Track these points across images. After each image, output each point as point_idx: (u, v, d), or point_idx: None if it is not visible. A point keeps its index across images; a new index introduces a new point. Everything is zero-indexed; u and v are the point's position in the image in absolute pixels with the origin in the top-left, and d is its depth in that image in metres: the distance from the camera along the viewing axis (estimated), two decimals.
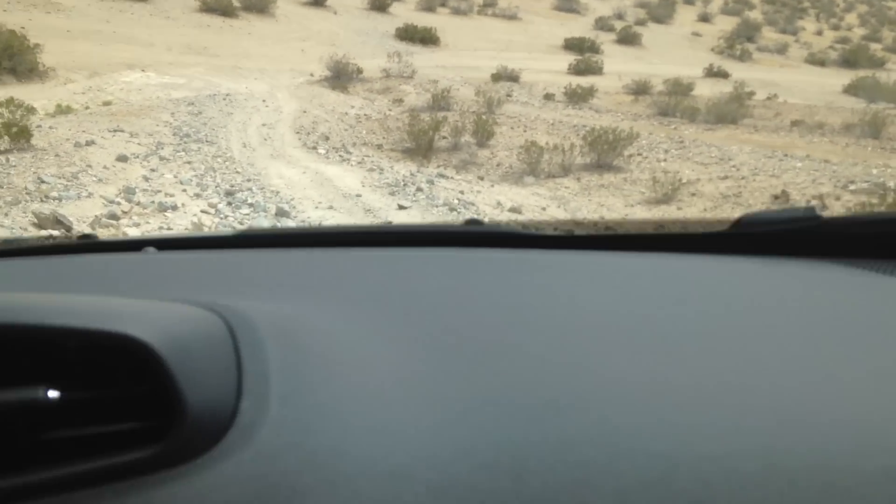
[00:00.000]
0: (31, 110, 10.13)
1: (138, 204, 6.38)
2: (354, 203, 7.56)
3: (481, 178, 10.08)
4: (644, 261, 0.99)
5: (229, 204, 6.91)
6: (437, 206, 7.65)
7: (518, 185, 9.75)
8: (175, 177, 7.62)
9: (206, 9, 26.28)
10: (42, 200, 5.83)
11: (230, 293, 0.83)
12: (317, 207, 7.18)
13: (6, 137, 7.77)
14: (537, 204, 8.59)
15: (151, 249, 1.17)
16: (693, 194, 9.30)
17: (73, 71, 17.09)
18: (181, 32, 23.71)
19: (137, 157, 8.31)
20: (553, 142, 11.20)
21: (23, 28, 18.86)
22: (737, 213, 1.30)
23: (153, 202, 6.49)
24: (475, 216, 7.25)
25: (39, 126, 9.99)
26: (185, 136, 10.18)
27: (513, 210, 8.00)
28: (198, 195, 7.10)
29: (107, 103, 14.03)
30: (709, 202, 9.09)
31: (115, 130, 9.92)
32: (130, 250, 1.18)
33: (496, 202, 8.34)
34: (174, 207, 6.45)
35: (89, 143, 8.42)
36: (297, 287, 0.90)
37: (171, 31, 23.52)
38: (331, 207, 7.19)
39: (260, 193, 7.42)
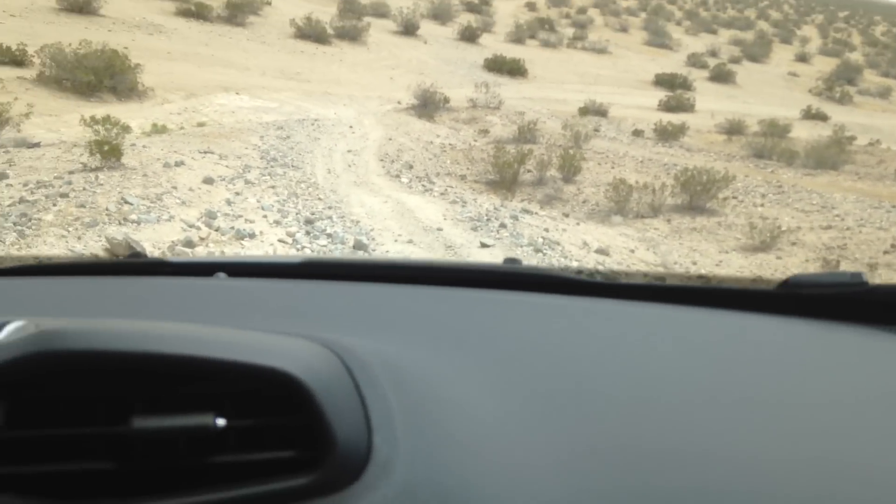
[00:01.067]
0: (126, 129, 10.40)
1: (217, 230, 6.36)
2: (435, 238, 7.38)
3: (566, 216, 9.78)
4: (696, 316, 1.05)
5: (308, 234, 6.83)
6: (521, 246, 7.37)
7: (605, 224, 9.42)
8: (258, 201, 7.62)
9: (301, 35, 26.91)
10: (120, 223, 5.85)
11: (310, 324, 0.90)
12: (396, 241, 7.04)
13: (98, 155, 7.93)
14: (625, 245, 8.24)
15: (222, 275, 1.20)
16: (793, 243, 8.79)
17: (171, 91, 17.62)
18: (276, 57, 24.29)
19: (224, 179, 8.37)
20: (642, 180, 10.83)
21: (125, 48, 19.59)
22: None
23: (233, 228, 6.45)
24: (562, 258, 6.97)
25: (133, 145, 10.23)
26: (271, 160, 10.26)
27: (600, 252, 7.68)
28: (277, 222, 7.05)
29: (201, 124, 14.36)
30: (811, 252, 8.56)
31: (205, 152, 10.07)
32: (200, 274, 1.22)
33: (582, 242, 8.04)
34: (252, 235, 6.42)
35: (178, 164, 8.54)
36: (378, 323, 0.95)
37: (266, 56, 24.13)
38: (410, 241, 7.02)
39: (340, 223, 7.32)
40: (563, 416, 0.69)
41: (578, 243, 7.95)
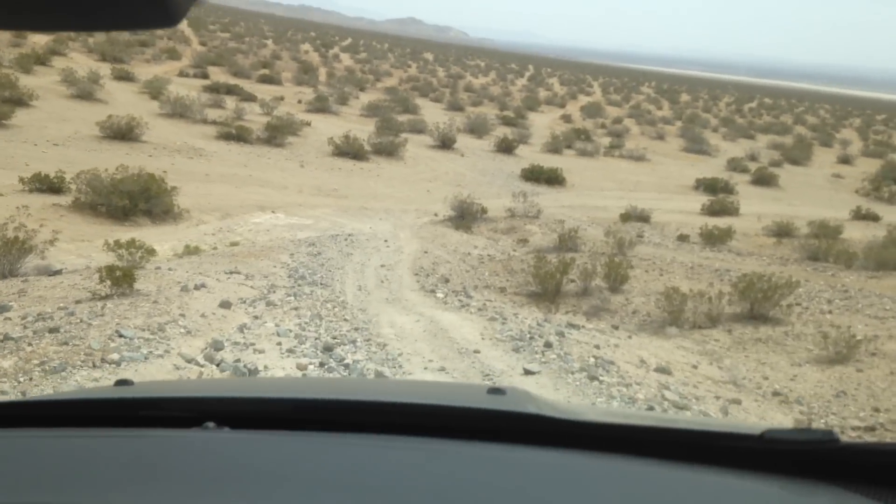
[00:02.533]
0: (150, 252, 10.05)
1: (219, 364, 5.72)
2: (471, 363, 6.63)
3: (616, 328, 8.99)
4: (672, 473, 1.06)
5: (322, 365, 6.13)
6: (572, 373, 6.53)
7: (659, 336, 8.59)
8: (276, 326, 7.01)
9: (339, 153, 27.20)
10: (94, 366, 5.21)
11: (300, 494, 0.93)
12: (426, 368, 6.31)
13: (108, 282, 7.46)
14: (686, 361, 7.40)
15: (211, 425, 1.17)
16: (873, 354, 7.86)
17: (207, 212, 17.54)
18: (313, 175, 24.43)
19: (244, 302, 7.84)
20: (695, 287, 10.04)
21: (164, 172, 19.75)
22: None
23: (238, 362, 5.81)
24: (621, 385, 6.15)
25: (158, 268, 9.84)
26: (299, 279, 9.75)
27: (660, 370, 6.85)
28: (291, 351, 6.42)
29: (234, 244, 14.07)
30: (894, 363, 7.60)
31: (231, 272, 9.62)
32: (186, 422, 1.18)
33: (639, 360, 7.21)
34: (254, 371, 5.74)
35: (198, 287, 8.05)
36: (361, 487, 0.96)
37: (303, 174, 24.28)
38: (442, 369, 6.28)
39: (364, 348, 6.64)
40: None
41: (635, 361, 7.12)
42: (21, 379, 4.97)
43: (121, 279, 7.37)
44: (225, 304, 7.44)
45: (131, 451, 1.08)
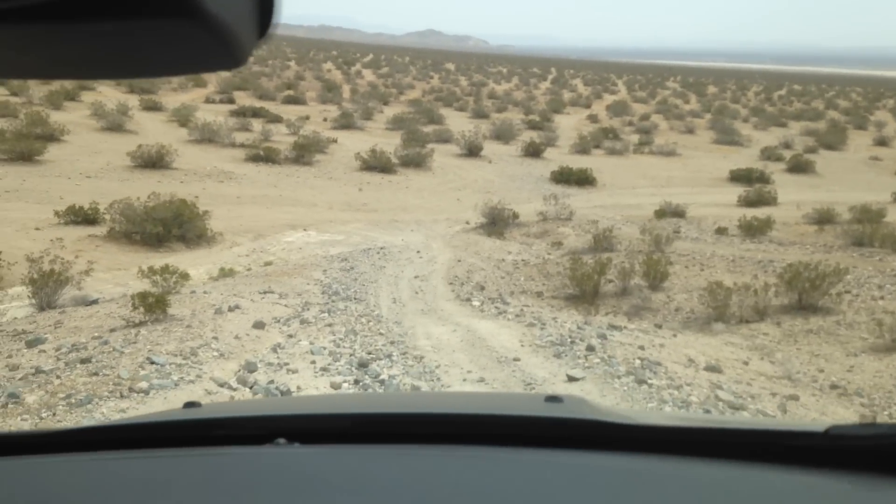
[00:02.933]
0: (184, 276, 10.04)
1: (252, 387, 5.60)
2: (511, 372, 6.39)
3: (659, 327, 8.73)
4: (735, 473, 1.04)
5: (357, 382, 5.98)
6: (618, 377, 6.22)
7: (705, 333, 8.31)
8: (310, 344, 6.89)
9: (367, 167, 27.20)
10: (122, 396, 5.11)
11: None
12: (465, 380, 6.11)
13: (141, 309, 7.42)
14: (736, 357, 7.12)
15: (282, 441, 1.21)
16: None
17: (240, 234, 17.59)
18: (343, 191, 24.43)
19: (278, 321, 7.74)
20: (739, 281, 9.73)
21: (196, 197, 19.93)
22: None
23: (271, 383, 5.67)
24: (671, 387, 5.89)
25: (193, 292, 9.82)
26: (333, 294, 9.65)
27: (711, 369, 6.58)
28: (325, 370, 6.27)
29: (267, 264, 14.07)
30: None
31: (265, 292, 9.56)
32: (256, 439, 1.21)
33: (687, 359, 6.95)
34: (286, 392, 5.58)
35: (232, 309, 7.99)
36: (430, 497, 0.98)
37: (333, 191, 24.29)
38: (482, 380, 6.06)
39: (400, 362, 6.47)
40: None
41: (683, 361, 6.86)
42: (44, 415, 4.93)
43: (153, 305, 7.34)
44: (258, 325, 7.36)
45: (206, 469, 1.10)
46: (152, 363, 5.79)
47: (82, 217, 16.82)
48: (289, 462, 1.13)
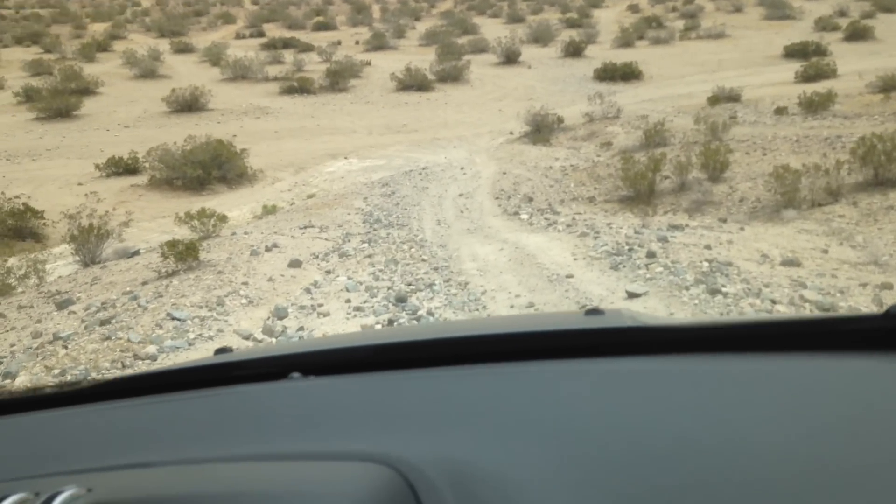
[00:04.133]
0: (222, 219, 9.75)
1: (278, 338, 5.21)
2: (564, 291, 5.79)
3: (724, 221, 8.11)
4: (792, 364, 0.96)
5: (391, 321, 5.45)
6: (686, 289, 5.49)
7: (775, 222, 7.65)
8: (348, 279, 6.49)
9: (403, 87, 26.50)
10: (124, 366, 4.75)
11: (387, 430, 0.92)
12: (512, 306, 5.57)
13: (171, 259, 7.11)
14: (813, 246, 6.49)
15: (296, 375, 1.21)
16: None
17: (280, 170, 17.29)
18: (381, 114, 23.86)
19: (317, 256, 7.38)
20: (805, 162, 8.97)
21: (234, 136, 19.66)
22: None
23: (301, 330, 5.26)
24: (747, 290, 5.30)
25: (234, 233, 9.55)
26: (375, 222, 9.25)
27: (788, 263, 5.96)
28: (359, 309, 5.80)
29: (311, 196, 13.78)
30: None
31: (305, 227, 9.22)
32: (272, 375, 1.22)
33: (760, 254, 6.34)
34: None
35: (269, 249, 7.65)
36: (451, 417, 0.94)
37: (371, 115, 23.75)
38: (531, 304, 5.51)
39: (443, 291, 6.00)
40: None
41: (756, 257, 6.26)
42: None
43: (184, 253, 7.04)
44: (295, 263, 7.00)
45: (224, 405, 1.12)
46: (173, 319, 5.49)
47: (123, 168, 16.70)
48: (300, 396, 1.14)
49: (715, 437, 0.77)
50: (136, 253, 9.50)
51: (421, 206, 10.19)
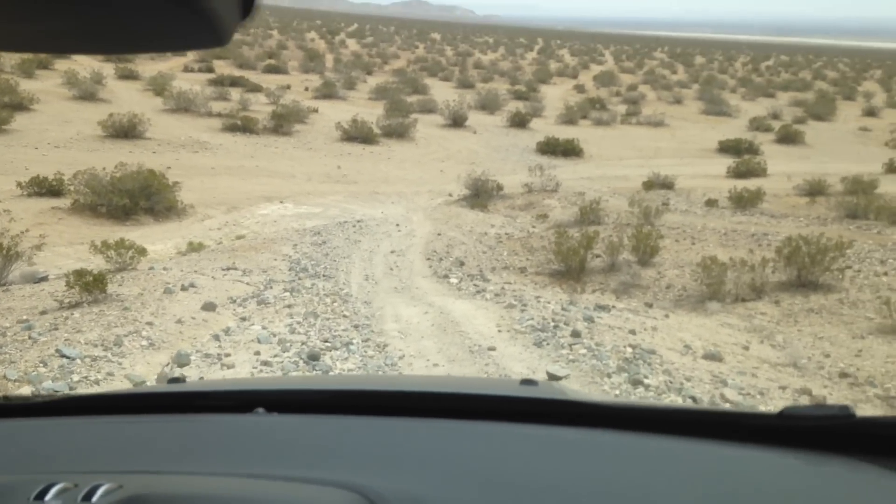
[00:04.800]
0: (141, 252, 9.36)
1: None
2: (485, 364, 5.62)
3: (650, 306, 8.15)
4: (698, 448, 1.11)
5: None
6: (609, 376, 5.37)
7: (699, 313, 7.72)
8: (263, 328, 6.21)
9: (348, 138, 26.41)
10: None
11: (343, 465, 1.00)
12: (430, 373, 5.31)
13: (76, 289, 6.71)
14: (734, 341, 6.53)
15: (261, 410, 1.27)
16: None
17: (212, 207, 16.86)
18: (322, 162, 23.68)
19: (234, 301, 7.07)
20: (732, 255, 9.15)
21: (168, 168, 19.17)
22: None
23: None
24: (667, 380, 5.25)
25: (152, 268, 9.16)
26: (301, 271, 8.98)
27: (709, 357, 5.96)
28: (267, 364, 5.52)
29: (240, 237, 13.42)
30: None
31: (227, 269, 8.90)
32: (239, 409, 1.29)
33: (682, 345, 6.34)
34: None
35: (185, 288, 7.31)
36: (405, 461, 1.05)
37: (312, 162, 23.54)
38: (450, 374, 5.27)
39: (360, 351, 5.75)
40: None
41: (679, 347, 6.25)
42: None
43: (91, 285, 6.64)
44: (209, 307, 6.67)
45: (186, 433, 1.18)
46: (62, 356, 5.07)
47: (46, 188, 16.00)
48: (268, 429, 1.19)
49: (625, 501, 0.88)
50: (45, 279, 9.00)
51: (351, 260, 9.98)
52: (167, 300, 6.79)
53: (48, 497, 0.72)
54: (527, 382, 1.50)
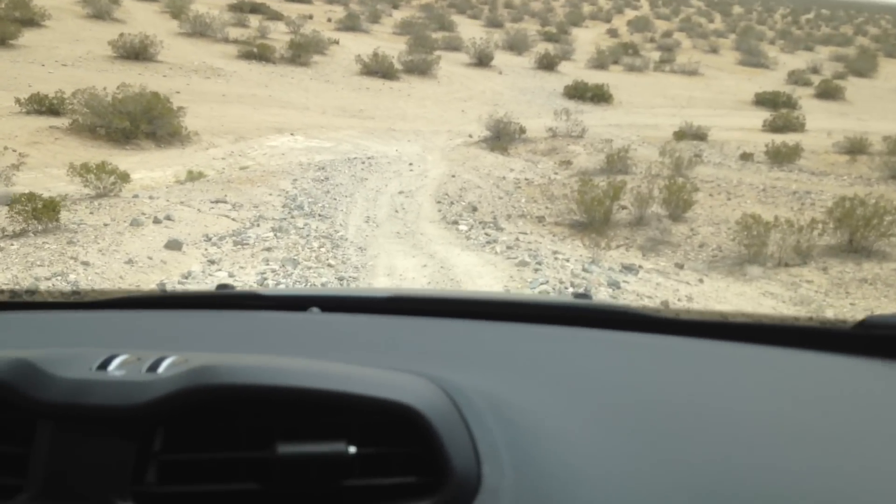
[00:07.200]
0: (124, 177, 8.56)
1: None
2: None
3: (680, 267, 7.26)
4: (773, 355, 1.06)
5: None
6: None
7: (737, 278, 6.82)
8: (230, 276, 5.39)
9: (368, 72, 25.34)
10: None
11: (406, 360, 0.95)
12: None
13: (19, 218, 5.89)
14: (778, 312, 5.65)
15: (316, 310, 1.25)
16: None
17: (219, 135, 16.02)
18: (339, 95, 22.70)
19: (209, 239, 6.26)
20: (772, 213, 8.21)
21: (177, 92, 18.34)
22: None
23: None
24: None
25: (136, 196, 8.39)
26: (296, 209, 8.16)
27: None
28: None
29: (243, 168, 12.64)
30: None
31: (217, 201, 8.11)
32: (293, 308, 1.28)
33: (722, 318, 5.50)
34: None
35: (158, 221, 6.51)
36: (468, 359, 1.00)
37: (328, 95, 22.56)
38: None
39: None
40: (657, 449, 0.72)
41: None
42: None
43: (40, 212, 5.86)
44: (173, 245, 5.84)
45: (244, 325, 1.15)
46: None
47: (46, 106, 15.22)
48: (326, 326, 1.16)
49: (712, 408, 0.84)
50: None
51: (353, 199, 9.13)
52: (129, 234, 6.00)
53: (111, 367, 0.71)
54: (580, 296, 1.52)
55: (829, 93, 31.08)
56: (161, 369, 0.70)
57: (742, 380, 0.95)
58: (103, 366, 0.71)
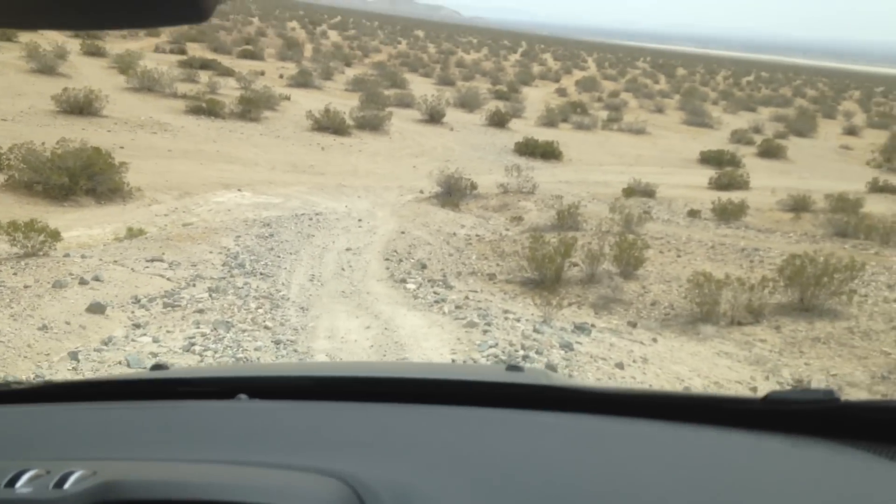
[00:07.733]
0: (54, 236, 8.13)
1: None
2: None
3: (633, 325, 7.10)
4: (682, 433, 1.09)
5: None
6: None
7: (691, 337, 6.68)
8: (154, 342, 5.03)
9: (319, 127, 25.20)
10: None
11: (326, 452, 0.97)
12: None
13: None
14: (736, 376, 5.50)
15: (243, 397, 1.25)
16: None
17: (163, 191, 15.60)
18: (289, 151, 22.46)
19: (138, 301, 5.90)
20: (722, 271, 8.15)
21: (121, 147, 17.94)
22: None
23: None
24: None
25: (68, 255, 7.96)
26: (237, 267, 7.82)
27: None
28: None
29: (186, 225, 12.23)
30: None
31: (153, 260, 7.73)
32: (221, 395, 1.26)
33: (678, 381, 5.27)
34: None
35: (85, 282, 6.12)
36: (388, 447, 1.01)
37: (278, 150, 22.30)
38: (433, 361, 4.15)
39: None
40: None
41: (671, 380, 5.18)
42: None
43: None
44: (96, 308, 5.46)
45: (168, 419, 1.14)
46: None
47: None
48: (249, 415, 1.16)
49: (610, 485, 0.87)
50: None
51: (298, 256, 8.82)
52: (49, 297, 5.60)
53: (19, 484, 0.71)
54: (512, 368, 1.50)
55: (771, 151, 31.95)
56: (68, 485, 0.71)
57: (651, 460, 0.98)
58: (11, 482, 0.72)
